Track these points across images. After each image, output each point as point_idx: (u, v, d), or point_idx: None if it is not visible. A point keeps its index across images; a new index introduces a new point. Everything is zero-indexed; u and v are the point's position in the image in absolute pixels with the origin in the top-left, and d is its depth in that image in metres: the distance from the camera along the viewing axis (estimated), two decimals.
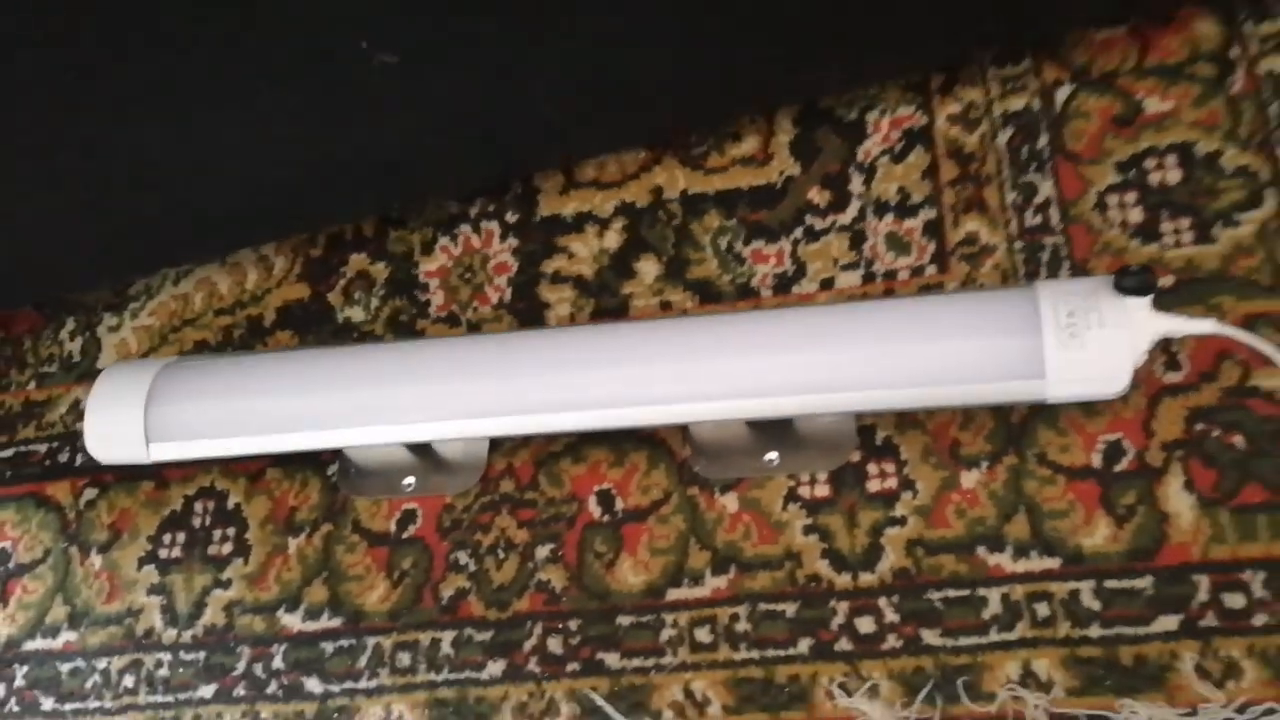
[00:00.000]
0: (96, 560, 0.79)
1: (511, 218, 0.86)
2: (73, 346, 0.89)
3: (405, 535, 0.75)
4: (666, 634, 0.68)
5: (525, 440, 0.75)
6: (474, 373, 0.74)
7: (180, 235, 0.87)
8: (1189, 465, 0.65)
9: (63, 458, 0.84)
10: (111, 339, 0.88)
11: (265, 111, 0.78)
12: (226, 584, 0.76)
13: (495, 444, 0.76)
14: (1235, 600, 0.61)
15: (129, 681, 0.74)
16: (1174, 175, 0.74)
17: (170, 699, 0.73)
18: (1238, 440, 0.65)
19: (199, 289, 0.89)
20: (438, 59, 0.75)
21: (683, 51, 0.80)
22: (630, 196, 0.84)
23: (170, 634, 0.75)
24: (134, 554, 0.79)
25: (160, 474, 0.81)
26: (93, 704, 0.74)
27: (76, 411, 0.86)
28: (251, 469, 0.80)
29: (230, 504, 0.79)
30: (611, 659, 0.68)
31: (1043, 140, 0.78)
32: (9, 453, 0.85)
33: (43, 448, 0.85)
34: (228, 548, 0.78)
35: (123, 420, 0.76)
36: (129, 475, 0.81)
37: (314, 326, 0.85)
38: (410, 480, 0.76)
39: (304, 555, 0.76)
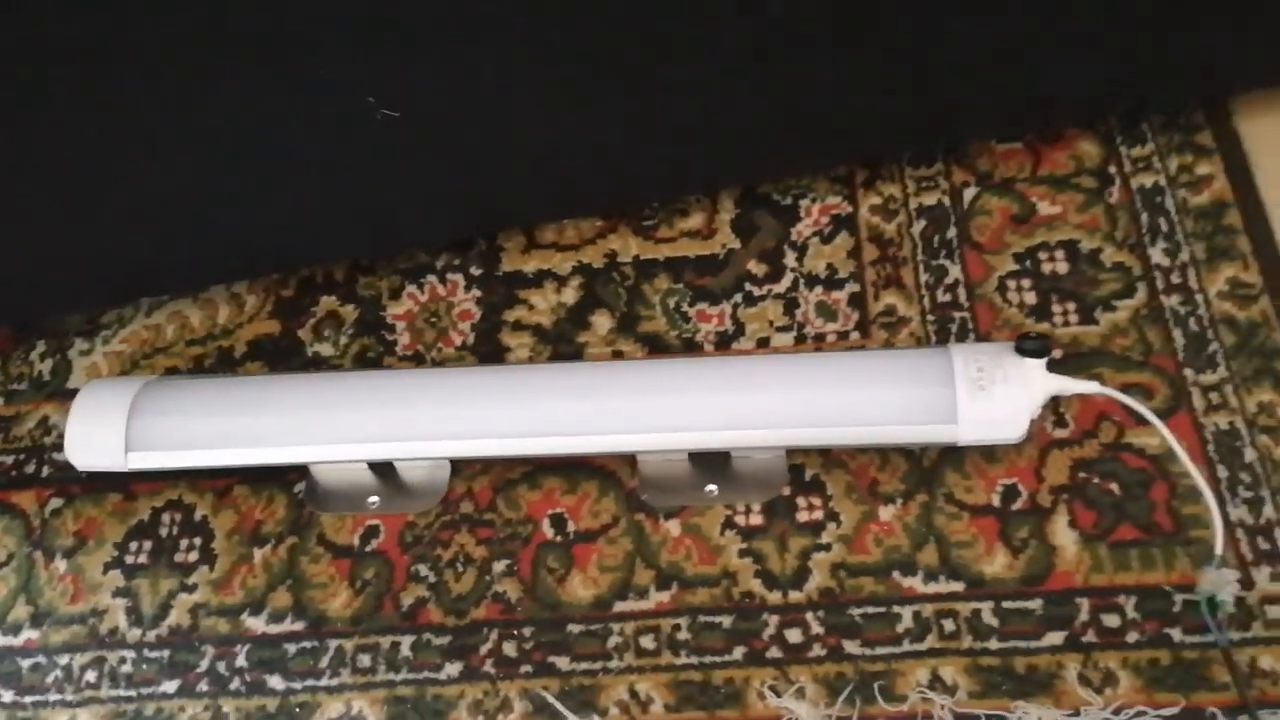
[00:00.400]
0: (61, 564, 0.82)
1: (475, 271, 0.94)
2: (43, 367, 0.93)
3: (368, 549, 0.81)
4: (613, 641, 0.75)
5: (484, 468, 0.82)
6: (438, 399, 0.81)
7: (158, 268, 0.92)
8: (1073, 507, 0.76)
9: (29, 469, 0.87)
10: (83, 361, 0.93)
11: (257, 155, 0.85)
12: (192, 588, 0.80)
13: (456, 470, 0.82)
14: (1112, 620, 0.71)
15: (91, 676, 0.78)
16: (1062, 267, 0.87)
17: (133, 693, 0.76)
18: (1114, 487, 0.76)
19: (171, 321, 0.95)
20: (428, 122, 0.83)
21: (639, 137, 0.90)
22: (587, 258, 0.93)
23: (135, 633, 0.79)
24: (100, 559, 0.83)
25: (128, 487, 0.85)
26: (53, 697, 0.77)
27: (45, 427, 0.89)
28: (219, 485, 0.85)
29: (197, 516, 0.84)
30: (562, 662, 0.74)
31: (951, 231, 0.90)
32: None
33: (9, 459, 0.88)
34: (194, 555, 0.82)
35: (105, 429, 0.80)
36: (96, 488, 0.85)
37: (284, 360, 0.91)
38: (374, 499, 0.82)
39: (269, 564, 0.81)
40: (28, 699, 0.77)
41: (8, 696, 0.77)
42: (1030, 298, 0.85)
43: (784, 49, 0.82)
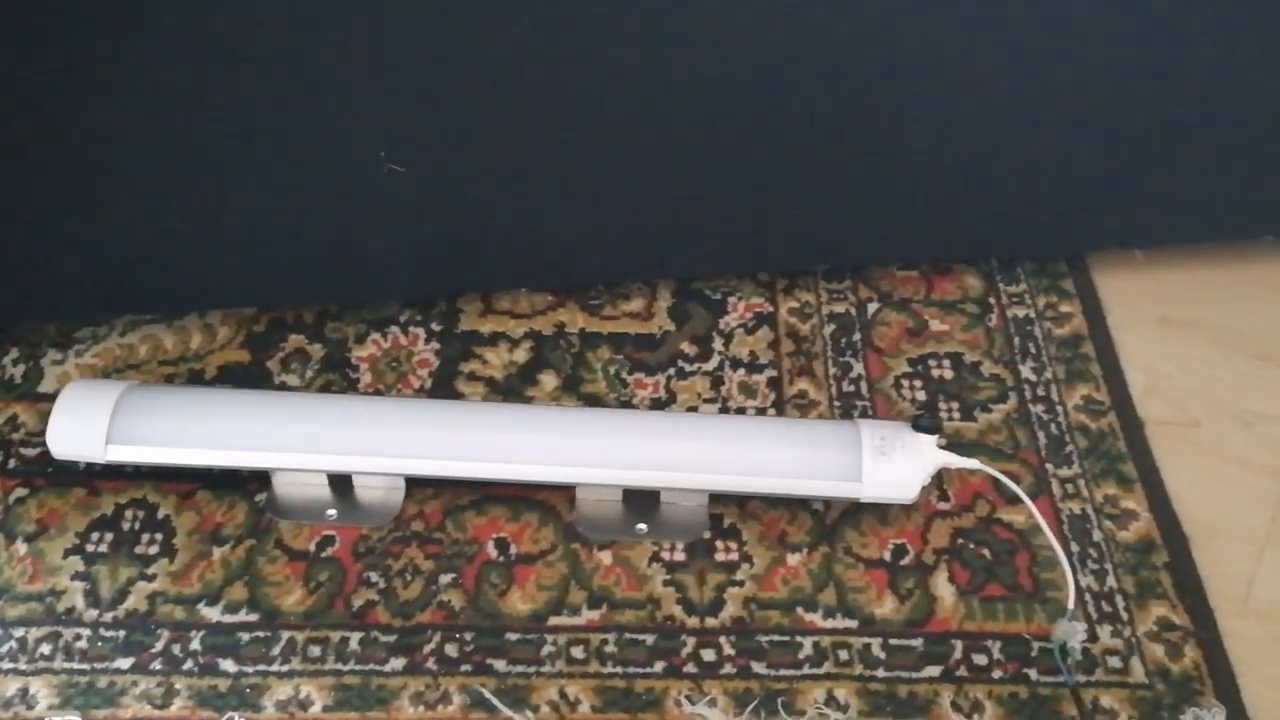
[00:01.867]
0: (21, 547, 0.87)
1: (436, 327, 1.04)
2: (15, 371, 0.99)
3: (323, 555, 0.88)
4: (547, 649, 0.83)
5: (436, 493, 0.91)
6: (397, 422, 0.90)
7: (139, 287, 1.00)
8: (952, 566, 0.88)
9: None
10: (55, 370, 0.99)
11: (256, 192, 0.94)
12: (151, 578, 0.86)
13: (409, 493, 0.91)
14: (980, 659, 0.83)
15: (45, 650, 0.82)
16: (949, 373, 1.01)
17: (86, 666, 0.81)
18: (986, 552, 0.89)
19: (144, 342, 1.02)
20: (420, 183, 0.94)
21: (594, 226, 1.03)
22: (537, 326, 1.05)
23: (91, 614, 0.84)
24: (60, 545, 0.87)
25: (92, 483, 0.91)
26: (6, 665, 0.81)
27: (14, 424, 0.95)
28: (183, 489, 0.91)
29: (160, 514, 0.90)
30: (499, 664, 0.82)
31: (856, 335, 1.04)
32: None
33: None
34: (154, 549, 0.88)
35: (89, 421, 0.87)
36: (61, 481, 0.91)
37: (251, 386, 0.99)
38: (332, 512, 0.90)
39: (227, 561, 0.87)
40: None
41: None
42: (921, 395, 1.00)
43: (727, 149, 0.96)
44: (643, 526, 0.90)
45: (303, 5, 0.82)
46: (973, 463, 0.89)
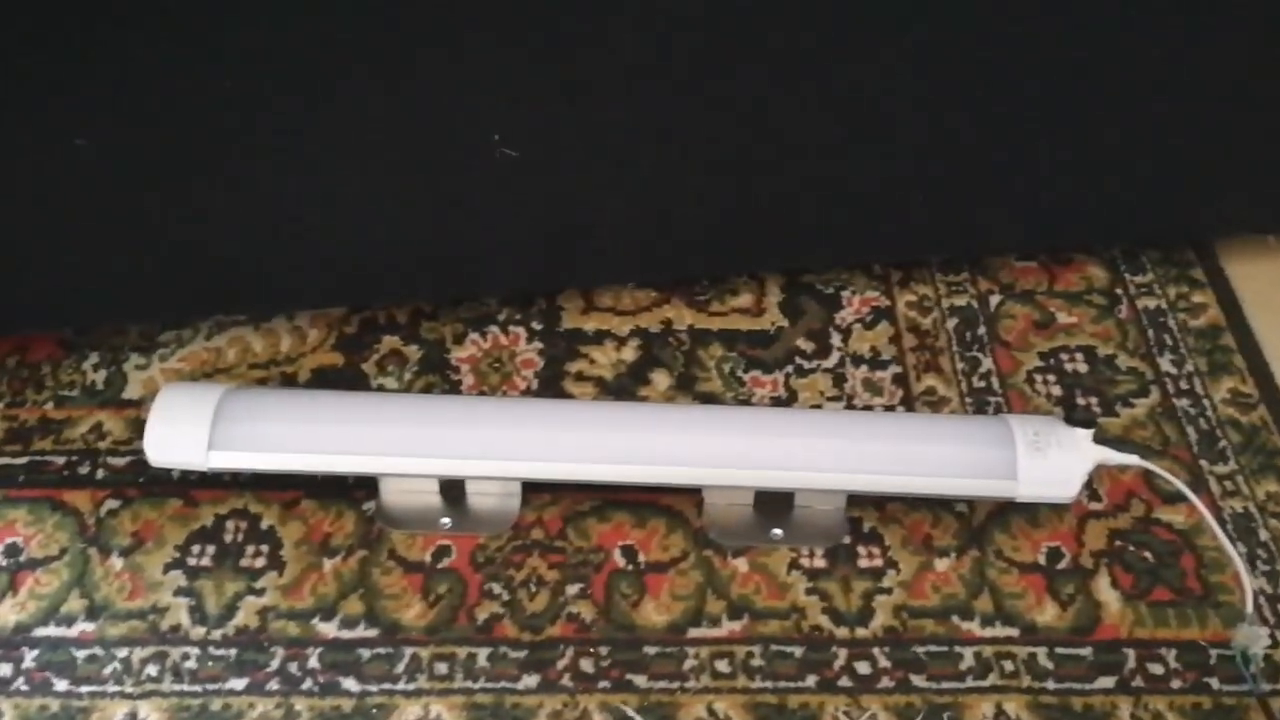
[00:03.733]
0: (117, 562, 0.81)
1: (537, 325, 0.99)
2: (96, 377, 0.93)
3: (440, 565, 0.82)
4: (689, 663, 0.77)
5: (554, 499, 0.85)
6: (511, 422, 0.84)
7: (224, 288, 0.94)
8: (1113, 569, 0.82)
9: (83, 470, 0.87)
10: (139, 375, 0.93)
11: (361, 183, 0.89)
12: (260, 592, 0.80)
13: (525, 500, 0.85)
14: (1156, 669, 0.77)
15: (153, 670, 0.76)
16: (1083, 367, 0.96)
17: (198, 688, 0.75)
18: (1147, 554, 0.83)
19: (232, 345, 0.96)
20: (521, 172, 0.89)
21: (699, 214, 0.98)
22: (643, 323, 0.99)
23: (199, 631, 0.78)
24: (160, 559, 0.82)
25: (189, 494, 0.85)
26: (112, 688, 0.75)
27: (99, 432, 0.89)
28: (286, 497, 0.85)
29: (264, 525, 0.84)
30: (640, 680, 0.76)
31: (981, 329, 0.98)
32: (23, 460, 0.87)
33: (60, 460, 0.88)
34: (261, 561, 0.82)
35: (190, 427, 0.81)
36: (155, 492, 0.85)
37: (348, 389, 0.93)
38: (446, 520, 0.84)
39: (340, 574, 0.81)
40: (83, 689, 0.75)
41: (62, 686, 0.75)
42: (1056, 390, 0.94)
43: (840, 136, 0.91)
44: (778, 531, 0.84)
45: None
46: (1133, 458, 0.83)
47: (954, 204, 1.00)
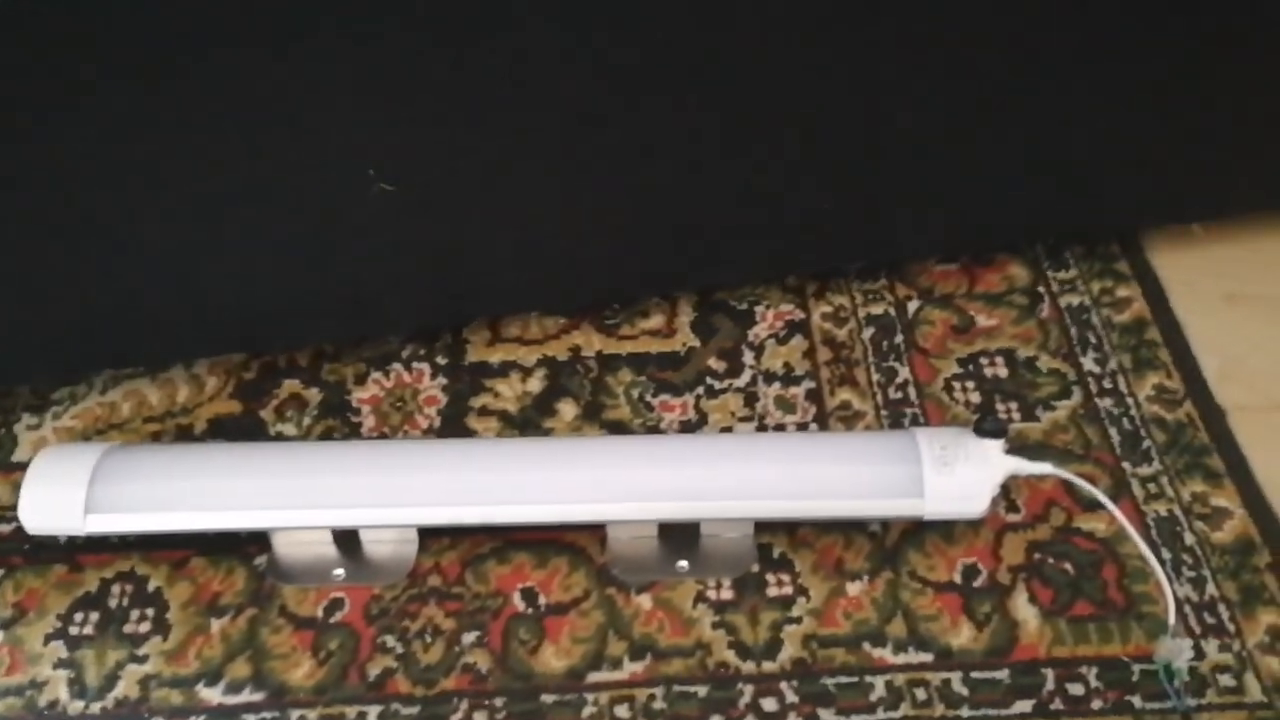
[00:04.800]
0: None
1: (441, 361, 0.96)
2: None
3: (333, 620, 0.79)
4: (588, 710, 0.74)
5: (452, 543, 0.82)
6: (405, 466, 0.81)
7: (118, 341, 0.91)
8: (1031, 584, 0.79)
9: None
10: (30, 435, 0.91)
11: (237, 229, 0.86)
12: (143, 659, 0.77)
13: (422, 546, 0.82)
14: (1076, 689, 0.74)
15: None
16: (1003, 371, 0.92)
17: None
18: (1067, 566, 0.80)
19: (127, 399, 0.93)
20: (411, 205, 0.86)
21: (605, 237, 0.94)
22: (551, 351, 0.96)
23: (77, 705, 0.75)
24: (40, 630, 0.79)
25: (74, 559, 0.82)
26: None
27: None
28: (175, 557, 0.82)
29: (150, 587, 0.81)
30: None
31: (899, 338, 0.95)
32: None
33: None
34: (145, 626, 0.79)
35: (64, 490, 0.78)
36: (40, 559, 0.82)
37: (245, 439, 0.90)
38: (339, 571, 0.81)
39: (227, 635, 0.78)
40: None
41: None
42: (975, 397, 0.91)
43: (746, 145, 0.88)
44: (684, 564, 0.81)
45: (276, 19, 0.74)
46: (1045, 467, 0.79)
47: (870, 209, 0.97)
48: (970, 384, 0.92)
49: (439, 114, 0.80)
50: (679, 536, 0.82)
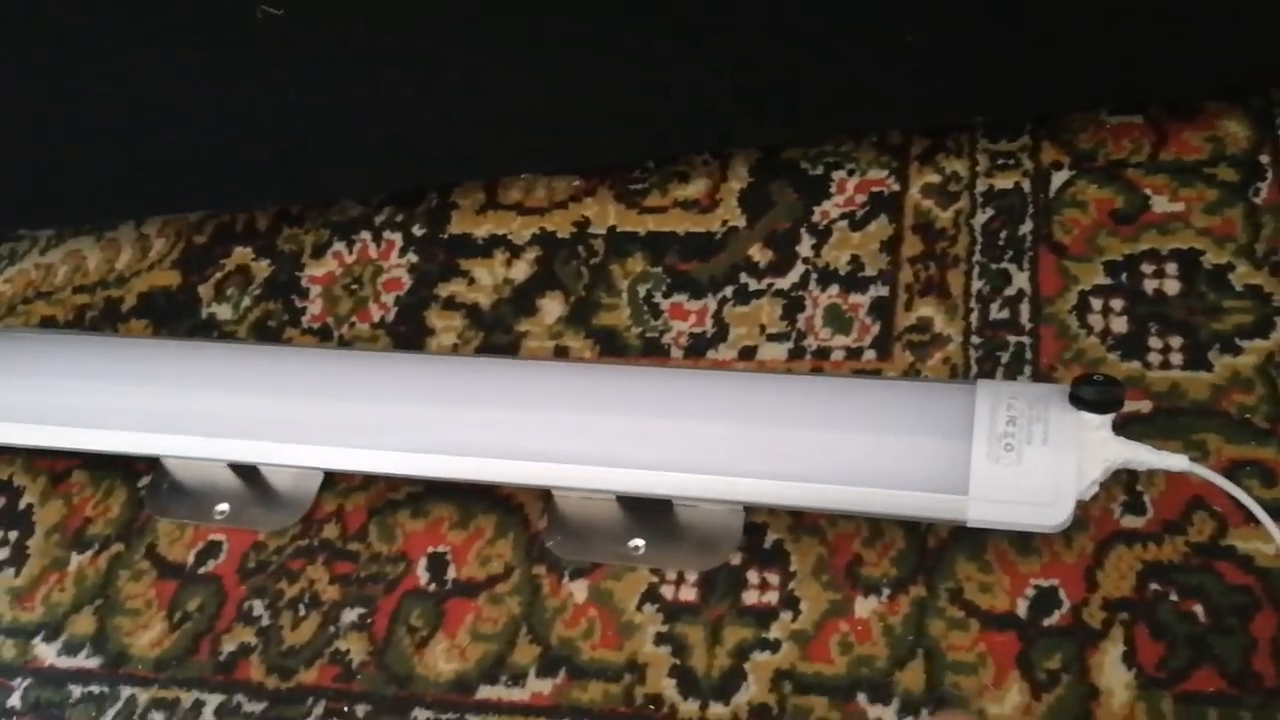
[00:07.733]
0: None
1: (418, 230, 0.75)
2: None
3: (201, 570, 0.63)
4: None
5: (365, 482, 0.63)
6: (316, 389, 0.63)
7: (65, 192, 0.77)
8: (1133, 632, 0.52)
9: None
10: None
11: (164, 63, 0.68)
12: None
13: (329, 480, 0.64)
14: None
15: None
16: (1172, 286, 0.62)
17: None
18: (1197, 610, 0.52)
19: (66, 260, 0.79)
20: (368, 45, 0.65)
21: (633, 72, 0.69)
22: (551, 225, 0.74)
23: None
24: None
25: None
26: None
27: None
28: (58, 467, 0.69)
29: (22, 504, 0.68)
30: None
31: (1026, 226, 0.66)
32: None
33: None
34: (4, 554, 0.66)
35: None
36: None
37: (174, 319, 0.75)
38: (224, 507, 0.65)
39: (83, 576, 0.65)
40: None
41: None
42: (1120, 324, 0.61)
43: None
44: (639, 542, 0.59)
45: None
46: (1177, 460, 0.51)
47: (1011, 30, 0.66)
48: (1118, 303, 0.62)
49: None
50: (646, 500, 0.59)
